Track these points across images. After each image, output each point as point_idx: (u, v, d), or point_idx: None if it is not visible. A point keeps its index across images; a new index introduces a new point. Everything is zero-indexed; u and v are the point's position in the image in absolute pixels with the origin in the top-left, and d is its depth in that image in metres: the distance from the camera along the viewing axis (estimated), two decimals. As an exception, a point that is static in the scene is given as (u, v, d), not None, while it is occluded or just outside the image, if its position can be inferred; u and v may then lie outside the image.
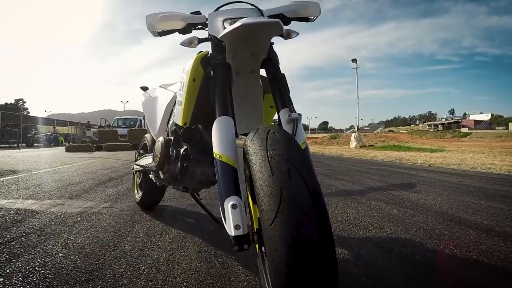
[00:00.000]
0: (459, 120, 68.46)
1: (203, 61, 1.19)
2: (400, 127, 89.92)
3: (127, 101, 50.26)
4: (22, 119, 24.64)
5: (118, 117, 20.20)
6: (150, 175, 1.72)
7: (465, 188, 3.38)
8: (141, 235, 1.68)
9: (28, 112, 60.49)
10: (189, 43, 1.21)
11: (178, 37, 1.27)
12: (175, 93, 1.57)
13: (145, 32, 1.24)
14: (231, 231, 0.78)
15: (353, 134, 18.70)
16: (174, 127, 1.41)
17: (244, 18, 0.95)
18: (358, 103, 19.84)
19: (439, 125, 63.16)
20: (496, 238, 1.71)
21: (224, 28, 1.11)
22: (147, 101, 2.00)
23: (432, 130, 54.79)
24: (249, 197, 0.91)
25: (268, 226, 0.59)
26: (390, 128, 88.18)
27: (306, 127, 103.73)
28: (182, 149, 1.34)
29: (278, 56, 1.24)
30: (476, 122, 67.19)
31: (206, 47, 1.30)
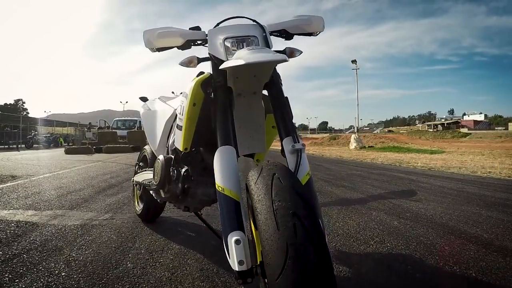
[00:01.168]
0: (459, 121, 68.56)
1: (203, 84, 1.17)
2: (399, 127, 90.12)
3: (127, 102, 50.23)
4: (22, 120, 24.61)
5: (117, 118, 20.15)
6: (151, 192, 1.71)
7: (465, 196, 3.39)
8: (142, 251, 1.69)
9: (28, 113, 60.40)
10: (188, 63, 1.18)
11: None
12: (175, 110, 1.56)
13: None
14: (234, 266, 0.78)
15: (352, 135, 18.73)
16: (174, 146, 1.40)
17: (246, 52, 0.92)
18: (358, 105, 19.86)
19: (439, 125, 63.24)
20: (495, 253, 1.72)
21: (226, 48, 1.09)
22: (146, 115, 1.99)
23: (431, 130, 54.83)
24: (252, 226, 0.91)
25: (273, 281, 0.60)
26: (390, 128, 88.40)
27: (305, 127, 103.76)
28: (183, 170, 1.33)
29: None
30: (476, 122, 67.35)
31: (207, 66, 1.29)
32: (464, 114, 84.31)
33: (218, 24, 1.26)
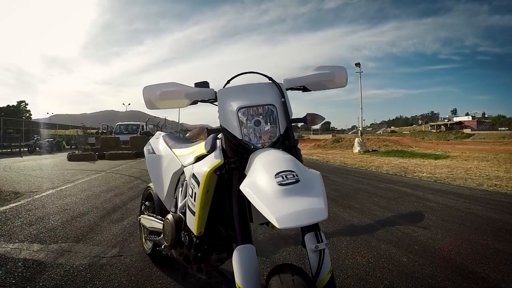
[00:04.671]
0: (462, 121, 68.33)
1: (217, 168, 1.06)
2: (403, 127, 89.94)
3: (129, 104, 50.57)
4: (24, 123, 24.70)
5: (120, 122, 20.17)
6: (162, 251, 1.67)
7: (472, 220, 3.36)
8: (152, 301, 1.67)
9: (31, 114, 60.76)
10: (197, 135, 1.10)
11: (178, 36, 1.11)
12: (182, 167, 1.48)
13: (146, 32, 1.16)
14: None
15: (356, 139, 18.64)
16: (184, 208, 1.35)
17: (276, 190, 0.81)
18: (361, 108, 19.62)
19: (442, 126, 63.00)
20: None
21: (240, 121, 1.01)
22: (151, 159, 1.91)
23: (434, 131, 54.56)
24: None
25: None
26: (393, 128, 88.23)
27: (308, 128, 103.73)
28: (195, 239, 1.30)
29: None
30: (479, 122, 67.19)
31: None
32: (467, 114, 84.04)
33: (229, 81, 1.20)
